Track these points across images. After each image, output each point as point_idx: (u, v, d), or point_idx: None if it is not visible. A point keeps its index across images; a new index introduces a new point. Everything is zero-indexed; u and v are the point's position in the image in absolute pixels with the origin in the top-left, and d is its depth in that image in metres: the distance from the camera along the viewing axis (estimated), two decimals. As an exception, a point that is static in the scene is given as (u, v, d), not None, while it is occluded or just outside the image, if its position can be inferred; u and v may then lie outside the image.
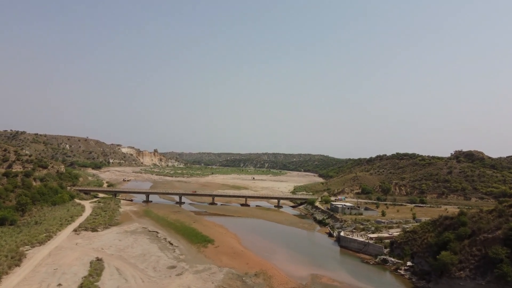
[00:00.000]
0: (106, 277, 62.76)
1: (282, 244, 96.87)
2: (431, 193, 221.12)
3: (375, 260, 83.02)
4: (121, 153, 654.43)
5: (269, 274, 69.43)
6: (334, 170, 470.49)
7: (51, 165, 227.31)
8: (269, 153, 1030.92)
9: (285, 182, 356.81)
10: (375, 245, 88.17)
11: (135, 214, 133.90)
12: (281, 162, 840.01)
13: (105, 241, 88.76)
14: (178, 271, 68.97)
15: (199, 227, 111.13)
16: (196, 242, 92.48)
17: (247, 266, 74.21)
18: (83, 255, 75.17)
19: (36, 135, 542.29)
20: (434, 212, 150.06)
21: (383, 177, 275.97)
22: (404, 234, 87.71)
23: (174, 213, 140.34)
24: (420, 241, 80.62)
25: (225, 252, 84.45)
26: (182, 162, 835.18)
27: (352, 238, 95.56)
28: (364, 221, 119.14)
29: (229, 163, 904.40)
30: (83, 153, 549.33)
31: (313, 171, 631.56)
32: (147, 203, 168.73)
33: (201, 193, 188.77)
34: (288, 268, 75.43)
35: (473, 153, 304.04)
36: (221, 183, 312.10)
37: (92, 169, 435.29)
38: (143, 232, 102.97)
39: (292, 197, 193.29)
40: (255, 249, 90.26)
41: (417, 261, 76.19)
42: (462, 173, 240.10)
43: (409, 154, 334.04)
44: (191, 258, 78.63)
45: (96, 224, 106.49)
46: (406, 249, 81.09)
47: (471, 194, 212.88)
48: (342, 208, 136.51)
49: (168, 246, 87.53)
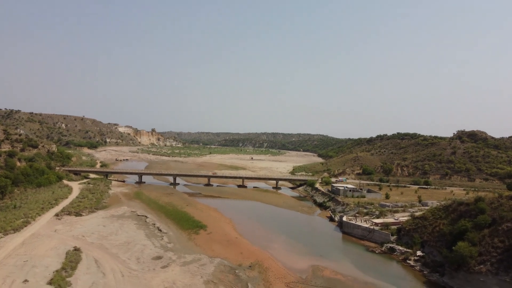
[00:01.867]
0: (81, 271, 55.65)
1: (280, 230, 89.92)
2: (434, 174, 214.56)
3: (381, 249, 76.17)
4: (118, 132, 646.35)
5: (265, 266, 62.51)
6: (334, 150, 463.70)
7: (42, 145, 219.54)
8: (268, 133, 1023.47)
9: (284, 162, 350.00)
10: (381, 232, 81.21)
11: (126, 196, 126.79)
12: (280, 142, 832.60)
13: (88, 227, 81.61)
14: (164, 262, 61.95)
15: (191, 211, 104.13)
16: (187, 228, 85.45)
17: (241, 257, 67.29)
18: (60, 244, 68.01)
19: (31, 114, 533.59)
20: (439, 194, 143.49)
21: (385, 158, 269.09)
22: (412, 220, 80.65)
23: (167, 195, 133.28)
24: (431, 228, 73.61)
25: (218, 240, 77.47)
26: (180, 141, 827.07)
27: (355, 223, 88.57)
28: (367, 204, 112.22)
29: (228, 142, 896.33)
30: (79, 133, 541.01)
31: (312, 151, 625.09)
32: (139, 184, 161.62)
33: (196, 174, 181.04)
34: (286, 258, 68.52)
35: (476, 133, 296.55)
36: (218, 163, 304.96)
37: (87, 149, 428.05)
38: (131, 216, 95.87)
39: (291, 178, 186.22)
40: (251, 236, 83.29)
41: (428, 251, 69.30)
42: (466, 153, 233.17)
43: (410, 134, 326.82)
44: (180, 247, 71.61)
45: (81, 207, 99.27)
46: (415, 237, 74.15)
47: (475, 175, 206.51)
48: (344, 190, 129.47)
49: (156, 233, 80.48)
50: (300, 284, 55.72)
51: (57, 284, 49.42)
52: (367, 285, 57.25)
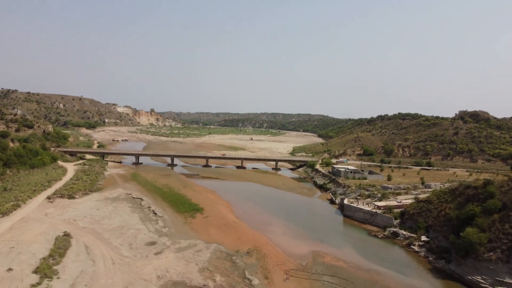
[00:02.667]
0: (70, 258, 52.91)
1: (280, 214, 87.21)
2: (435, 154, 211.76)
3: (383, 233, 73.54)
4: (116, 112, 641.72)
5: (263, 252, 59.80)
6: (334, 131, 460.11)
7: (37, 125, 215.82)
8: (268, 113, 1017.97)
9: (284, 143, 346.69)
10: (384, 216, 78.46)
11: (121, 178, 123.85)
12: (280, 122, 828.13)
13: (81, 211, 78.77)
14: (158, 248, 59.21)
15: (188, 194, 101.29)
16: (184, 212, 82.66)
17: (239, 242, 64.59)
18: (50, 228, 65.19)
19: (29, 93, 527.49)
20: (442, 176, 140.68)
21: (386, 138, 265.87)
22: (417, 203, 77.74)
23: (164, 176, 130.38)
24: (436, 212, 70.75)
25: (215, 224, 74.74)
26: (180, 122, 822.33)
27: (357, 206, 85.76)
28: (369, 186, 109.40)
29: (228, 123, 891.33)
30: (78, 113, 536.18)
31: (312, 131, 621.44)
32: (136, 165, 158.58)
33: (194, 155, 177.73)
34: (285, 243, 65.86)
35: (478, 113, 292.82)
36: (217, 143, 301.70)
37: (86, 129, 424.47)
38: (126, 199, 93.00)
39: (291, 159, 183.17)
40: (249, 219, 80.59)
41: (433, 236, 66.61)
42: (468, 134, 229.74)
43: (411, 114, 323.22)
44: (175, 231, 68.87)
45: (74, 190, 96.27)
46: (420, 221, 71.38)
47: (478, 156, 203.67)
48: (345, 172, 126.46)
49: (151, 217, 77.69)
50: (300, 272, 53.10)
51: (43, 273, 46.65)
52: (370, 272, 54.65)
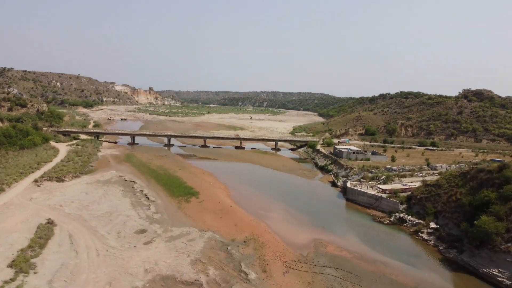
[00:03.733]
0: (51, 249, 48.76)
1: (279, 197, 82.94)
2: (439, 134, 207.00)
3: (389, 219, 69.35)
4: (115, 91, 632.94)
5: (261, 241, 55.67)
6: (335, 109, 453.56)
7: (31, 104, 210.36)
8: (268, 92, 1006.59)
9: (284, 122, 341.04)
10: (389, 200, 74.09)
11: (115, 159, 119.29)
12: (280, 101, 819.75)
13: (68, 195, 74.44)
14: (148, 237, 55.03)
15: (184, 176, 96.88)
16: (178, 196, 78.33)
17: (236, 229, 60.41)
18: (33, 215, 60.91)
19: (25, 72, 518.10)
20: (447, 156, 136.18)
21: (388, 117, 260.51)
22: (424, 187, 73.32)
23: (159, 157, 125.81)
24: (446, 197, 66.37)
25: (211, 209, 70.50)
26: (179, 100, 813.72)
27: (360, 190, 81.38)
28: (373, 168, 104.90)
29: (227, 101, 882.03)
30: (75, 91, 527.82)
31: (312, 110, 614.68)
32: (132, 145, 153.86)
33: (192, 135, 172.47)
34: (285, 231, 61.71)
35: (482, 91, 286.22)
36: (216, 123, 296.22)
37: (83, 108, 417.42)
38: (118, 182, 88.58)
39: (291, 139, 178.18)
40: (247, 204, 76.32)
41: (442, 223, 62.38)
42: (473, 113, 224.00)
43: (414, 93, 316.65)
44: (168, 217, 64.65)
45: (64, 172, 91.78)
46: (428, 206, 67.06)
47: (482, 136, 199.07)
48: (347, 152, 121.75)
49: (143, 201, 73.40)
50: (301, 264, 49.04)
51: (18, 267, 42.49)
52: (376, 264, 50.61)
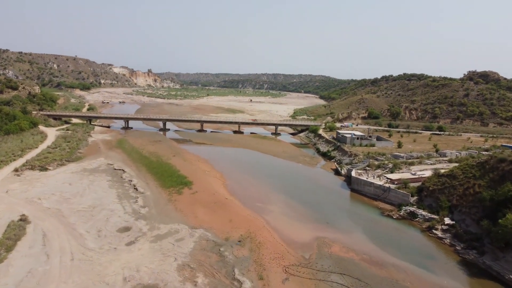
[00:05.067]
0: (20, 252, 43.00)
1: (279, 188, 76.98)
2: (444, 118, 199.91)
3: (399, 213, 63.44)
4: (113, 73, 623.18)
5: (258, 241, 49.86)
6: (336, 92, 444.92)
7: (22, 86, 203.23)
8: (268, 74, 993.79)
9: (284, 105, 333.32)
10: (398, 192, 68.03)
11: (106, 144, 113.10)
12: (281, 83, 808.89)
13: (50, 186, 68.52)
14: (132, 236, 49.23)
15: (178, 163, 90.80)
16: (170, 186, 72.36)
17: (230, 226, 54.57)
18: (6, 210, 54.98)
19: (21, 53, 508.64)
20: (455, 142, 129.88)
21: (391, 100, 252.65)
22: (437, 178, 67.20)
23: (153, 143, 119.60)
24: (462, 190, 60.29)
25: (204, 202, 64.57)
26: (178, 83, 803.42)
27: (367, 180, 75.32)
28: (379, 155, 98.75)
29: (227, 84, 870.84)
30: (72, 73, 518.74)
31: (313, 92, 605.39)
32: (126, 130, 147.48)
33: (188, 119, 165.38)
34: (285, 227, 55.89)
35: (488, 73, 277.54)
36: (215, 106, 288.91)
37: (80, 90, 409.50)
38: (106, 170, 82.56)
39: (292, 123, 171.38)
40: (244, 195, 70.44)
41: (459, 218, 56.46)
42: (480, 96, 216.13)
43: (417, 75, 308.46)
44: (156, 212, 58.76)
45: (49, 160, 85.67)
46: (442, 200, 61.06)
47: (489, 119, 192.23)
48: (351, 138, 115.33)
49: (130, 193, 67.47)
50: (303, 269, 43.29)
51: (-24, 277, 36.80)
52: (387, 268, 44.87)
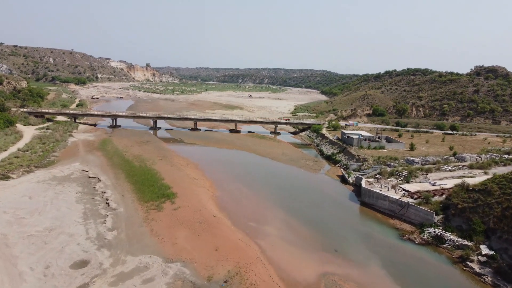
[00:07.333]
0: None
1: (277, 200, 66.02)
2: (453, 115, 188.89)
3: (421, 237, 52.36)
4: (110, 67, 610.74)
5: (250, 281, 38.93)
6: (338, 87, 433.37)
7: (7, 81, 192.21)
8: (269, 68, 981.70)
9: (285, 101, 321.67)
10: (419, 209, 56.95)
11: (87, 146, 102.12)
12: (281, 78, 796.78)
13: (5, 201, 57.51)
14: (87, 275, 38.32)
15: (163, 169, 79.87)
16: (149, 199, 61.40)
17: (216, 257, 43.67)
18: None
19: (15, 47, 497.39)
20: (471, 142, 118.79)
21: (397, 96, 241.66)
22: (465, 193, 56.20)
23: (140, 144, 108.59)
24: (501, 209, 49.31)
25: (187, 221, 53.63)
26: (178, 77, 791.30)
27: (380, 192, 64.29)
28: (390, 159, 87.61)
29: (227, 78, 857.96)
30: (68, 68, 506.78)
31: (314, 87, 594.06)
32: (113, 128, 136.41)
33: (180, 117, 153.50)
34: (284, 259, 44.92)
35: (496, 68, 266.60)
36: (213, 101, 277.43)
37: (75, 85, 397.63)
38: (78, 179, 71.62)
39: (292, 122, 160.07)
40: (236, 212, 59.51)
41: (498, 247, 45.54)
42: (491, 92, 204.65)
43: (421, 70, 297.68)
44: (126, 237, 47.85)
45: (13, 166, 74.77)
46: (475, 221, 50.10)
47: (501, 117, 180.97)
48: (358, 139, 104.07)
49: (100, 209, 56.56)
50: (307, 327, 32.45)
51: None
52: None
